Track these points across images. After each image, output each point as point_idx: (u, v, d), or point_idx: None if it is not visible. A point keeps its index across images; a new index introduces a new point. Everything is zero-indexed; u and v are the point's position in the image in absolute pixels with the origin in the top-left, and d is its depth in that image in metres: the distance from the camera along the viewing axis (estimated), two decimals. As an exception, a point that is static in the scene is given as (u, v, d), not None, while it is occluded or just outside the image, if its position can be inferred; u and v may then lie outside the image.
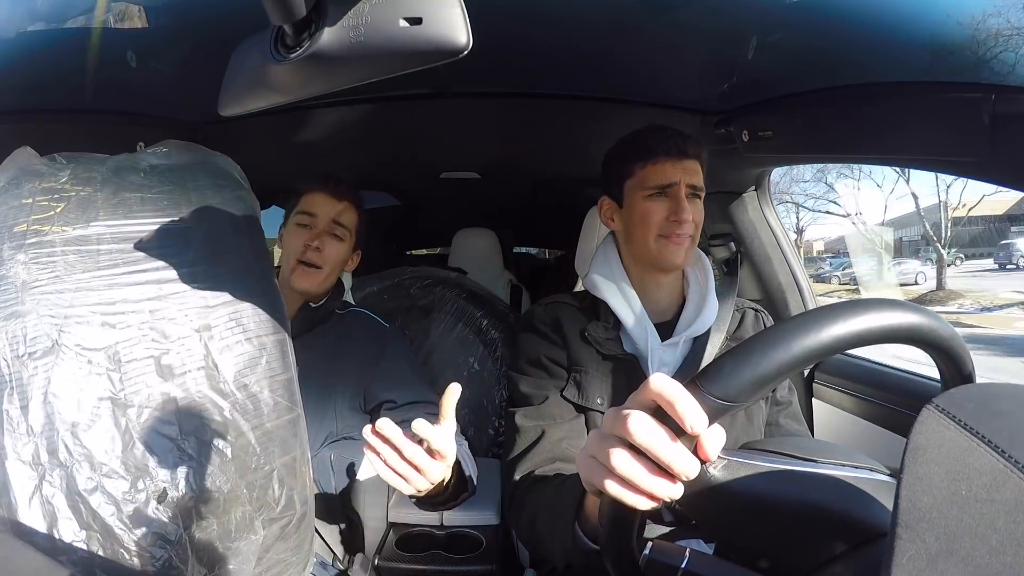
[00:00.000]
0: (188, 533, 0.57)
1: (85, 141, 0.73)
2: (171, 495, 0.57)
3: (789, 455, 0.46)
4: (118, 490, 0.56)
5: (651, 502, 0.40)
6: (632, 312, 0.86)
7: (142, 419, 0.58)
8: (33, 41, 0.82)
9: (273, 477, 0.63)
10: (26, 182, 0.65)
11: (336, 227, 1.07)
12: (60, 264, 0.61)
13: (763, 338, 0.38)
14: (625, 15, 0.82)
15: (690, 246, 0.85)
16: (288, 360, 0.68)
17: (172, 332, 0.62)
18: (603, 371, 0.84)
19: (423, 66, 0.36)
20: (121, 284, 0.62)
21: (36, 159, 0.69)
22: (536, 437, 0.81)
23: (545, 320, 0.90)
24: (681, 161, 0.84)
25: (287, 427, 0.65)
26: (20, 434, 0.55)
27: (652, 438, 0.38)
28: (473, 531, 1.17)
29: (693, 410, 0.37)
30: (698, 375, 0.39)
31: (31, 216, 0.63)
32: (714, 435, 0.40)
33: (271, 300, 0.69)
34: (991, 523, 0.26)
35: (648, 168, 0.85)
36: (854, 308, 0.38)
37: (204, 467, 0.58)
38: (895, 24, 0.71)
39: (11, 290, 0.59)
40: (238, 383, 0.63)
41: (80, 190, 0.66)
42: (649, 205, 0.85)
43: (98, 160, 0.71)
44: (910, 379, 1.06)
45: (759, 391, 0.38)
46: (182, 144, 0.77)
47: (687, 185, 0.84)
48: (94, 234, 0.64)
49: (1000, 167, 0.68)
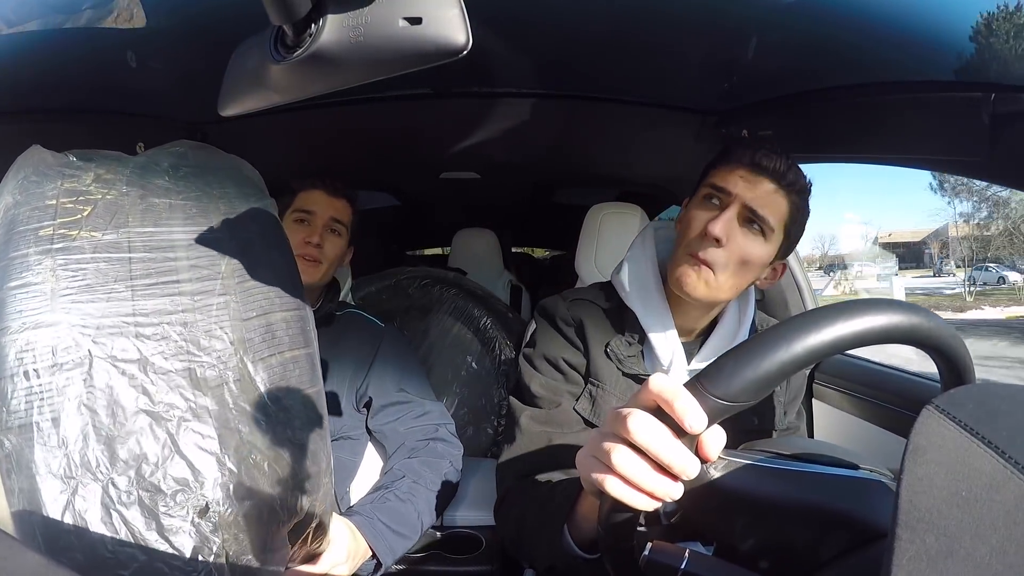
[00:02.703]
0: (226, 546, 0.56)
1: (85, 141, 0.73)
2: (212, 509, 0.56)
3: (790, 456, 0.46)
4: (157, 504, 0.54)
5: (652, 501, 0.40)
6: (662, 329, 0.78)
7: (180, 432, 0.57)
8: (33, 41, 0.82)
9: (303, 488, 0.63)
10: (47, 182, 0.63)
11: (334, 223, 1.08)
12: (91, 271, 0.59)
13: (764, 338, 0.39)
14: (625, 15, 0.82)
15: (709, 280, 0.72)
16: (317, 373, 0.68)
17: (207, 344, 0.61)
18: (620, 389, 0.79)
19: (423, 66, 0.36)
20: (155, 295, 0.61)
21: (51, 157, 0.67)
22: (541, 444, 0.77)
23: (568, 320, 0.84)
24: (757, 177, 0.71)
25: (316, 439, 0.65)
26: (52, 447, 0.53)
27: (652, 437, 0.38)
28: (473, 531, 1.17)
29: (692, 409, 0.37)
30: (699, 374, 0.39)
31: (57, 219, 0.61)
32: (714, 435, 0.40)
33: (302, 314, 0.69)
34: (991, 523, 0.26)
35: (719, 170, 0.75)
36: (854, 308, 0.38)
37: (243, 480, 0.58)
38: (895, 24, 0.71)
39: (40, 297, 0.57)
40: (272, 396, 0.62)
41: (106, 193, 0.64)
42: (697, 210, 0.75)
43: (117, 160, 0.70)
44: (910, 380, 1.06)
45: (761, 391, 0.38)
46: (196, 144, 0.76)
47: (745, 205, 0.71)
48: (125, 241, 0.62)
49: (1000, 167, 0.68)
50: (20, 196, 0.61)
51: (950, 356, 0.41)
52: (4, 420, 0.53)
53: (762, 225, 0.72)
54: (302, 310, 0.69)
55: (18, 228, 0.59)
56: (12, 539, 0.35)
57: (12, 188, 0.62)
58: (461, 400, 1.49)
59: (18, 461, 0.52)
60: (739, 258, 0.72)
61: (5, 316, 0.55)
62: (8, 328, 0.55)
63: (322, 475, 0.66)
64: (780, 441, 0.51)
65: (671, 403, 0.37)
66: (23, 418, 0.53)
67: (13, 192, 0.62)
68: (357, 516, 0.87)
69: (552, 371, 0.82)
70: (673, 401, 0.37)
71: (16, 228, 0.59)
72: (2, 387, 0.53)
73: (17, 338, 0.55)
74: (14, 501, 0.52)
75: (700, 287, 0.73)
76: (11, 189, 0.62)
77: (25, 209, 0.61)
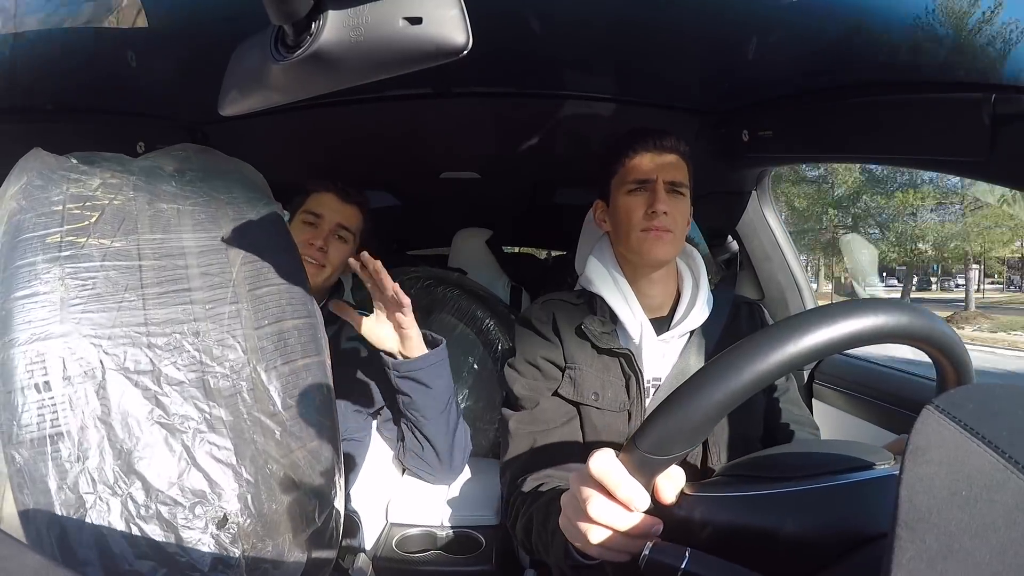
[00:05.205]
0: (245, 556, 0.55)
1: (85, 141, 0.73)
2: (231, 520, 0.55)
3: (760, 476, 0.45)
4: (176, 517, 0.53)
5: (634, 546, 0.44)
6: (627, 306, 0.87)
7: (196, 443, 0.56)
8: (33, 41, 0.82)
9: (319, 495, 0.62)
10: (52, 187, 0.61)
11: (341, 229, 1.08)
12: (101, 280, 0.58)
13: (686, 388, 0.40)
14: (625, 15, 0.82)
15: (672, 240, 0.85)
16: (328, 381, 0.68)
17: (220, 354, 0.60)
18: (597, 366, 0.85)
19: (423, 66, 0.36)
20: (167, 303, 0.60)
21: (54, 160, 0.65)
22: (527, 446, 0.82)
23: (542, 318, 0.91)
24: (660, 155, 0.86)
25: (329, 445, 0.65)
26: (66, 461, 0.52)
27: (612, 517, 0.43)
28: (473, 531, 1.17)
29: (635, 495, 0.42)
30: (634, 435, 0.42)
31: (64, 225, 0.59)
32: (669, 481, 0.44)
33: (313, 321, 0.68)
34: (991, 523, 0.26)
35: (627, 163, 0.87)
36: (762, 343, 0.39)
37: (260, 490, 0.57)
38: (895, 24, 0.71)
39: (49, 307, 0.55)
40: (285, 404, 0.62)
41: (113, 198, 0.63)
42: (629, 200, 0.87)
43: (121, 163, 0.69)
44: (910, 380, 1.06)
45: (695, 438, 0.40)
46: (199, 148, 0.76)
47: (666, 181, 0.86)
48: (134, 248, 0.61)
49: (1000, 167, 0.68)
50: (25, 202, 0.59)
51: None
52: (15, 434, 0.51)
53: (681, 189, 0.88)
54: (313, 317, 0.68)
55: (24, 235, 0.58)
56: (13, 539, 0.34)
57: (16, 193, 0.60)
58: (462, 400, 1.49)
59: (31, 475, 0.51)
60: (683, 217, 0.88)
61: (13, 327, 0.53)
62: (16, 339, 0.53)
63: (336, 481, 0.66)
64: (755, 460, 0.50)
65: (614, 492, 0.42)
66: (35, 432, 0.52)
67: (17, 197, 0.60)
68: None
69: (532, 371, 0.88)
70: (616, 490, 0.42)
71: (22, 235, 0.58)
72: (12, 400, 0.52)
73: (27, 349, 0.53)
74: (28, 515, 0.50)
75: (668, 249, 0.85)
76: (14, 194, 0.60)
77: (31, 215, 0.59)
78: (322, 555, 0.65)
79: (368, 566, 1.05)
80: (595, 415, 0.84)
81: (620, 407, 0.84)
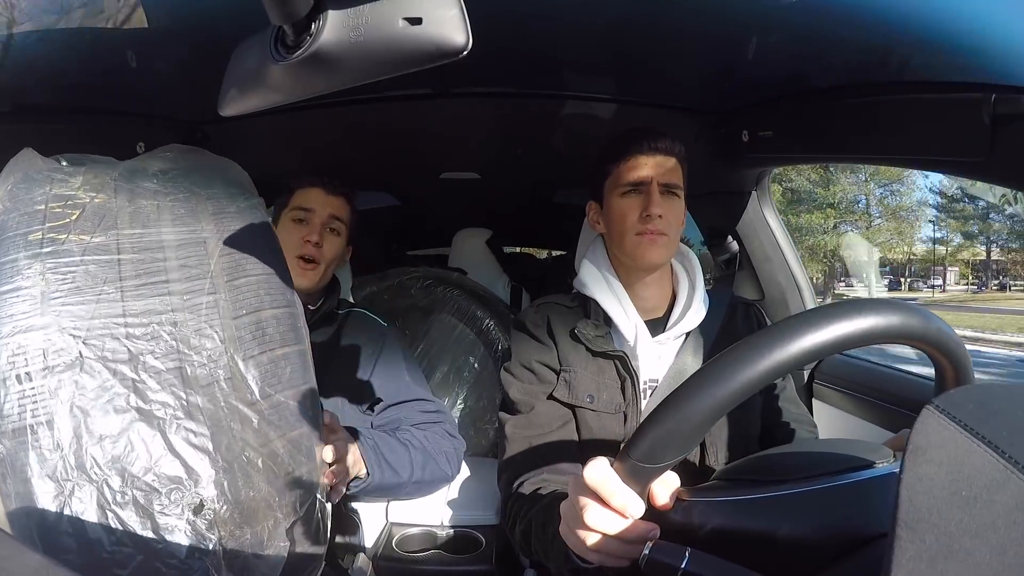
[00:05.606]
0: (222, 543, 0.56)
1: (85, 141, 0.73)
2: (207, 507, 0.56)
3: (756, 480, 0.45)
4: (152, 503, 0.54)
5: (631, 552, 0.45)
6: (621, 309, 0.86)
7: (172, 430, 0.57)
8: (33, 41, 0.82)
9: (299, 484, 0.63)
10: (37, 187, 0.64)
11: (333, 221, 1.07)
12: (80, 274, 0.60)
13: (675, 397, 0.40)
14: (625, 15, 0.82)
15: (667, 244, 0.85)
16: (309, 371, 0.68)
17: (197, 343, 0.61)
18: (592, 369, 0.85)
19: (423, 66, 0.36)
20: (145, 295, 0.61)
21: (41, 162, 0.67)
22: (523, 448, 0.82)
23: (536, 322, 0.91)
24: (654, 157, 0.85)
25: (309, 435, 0.65)
26: (46, 449, 0.53)
27: (608, 525, 0.44)
28: (473, 531, 1.17)
29: (626, 500, 0.43)
30: (626, 445, 0.42)
31: (46, 223, 0.61)
32: (663, 485, 0.46)
33: (292, 311, 0.69)
34: (991, 523, 0.26)
35: (622, 165, 0.87)
36: (754, 348, 0.39)
37: (237, 477, 0.58)
38: (895, 24, 0.71)
39: (31, 301, 0.57)
40: (264, 393, 0.62)
41: (94, 196, 0.65)
42: (624, 202, 0.86)
43: (106, 164, 0.70)
44: (910, 380, 1.06)
45: (687, 446, 0.40)
46: (186, 148, 0.76)
47: (661, 183, 0.85)
48: (114, 243, 0.62)
49: (1000, 167, 0.68)
50: (9, 203, 0.62)
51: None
52: None
53: (676, 191, 0.87)
54: (292, 307, 0.69)
55: (7, 234, 0.60)
56: (12, 539, 0.35)
57: (1, 195, 0.62)
58: (463, 400, 1.49)
59: (12, 465, 0.52)
60: (677, 220, 0.87)
61: None
62: None
63: (316, 471, 0.66)
64: (750, 463, 0.50)
65: (608, 501, 0.44)
66: (16, 422, 0.53)
67: (2, 199, 0.62)
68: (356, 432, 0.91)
69: (527, 375, 0.88)
70: (610, 499, 0.43)
71: (5, 234, 0.60)
72: None
73: (8, 342, 0.55)
74: (10, 505, 0.52)
75: (663, 252, 0.85)
76: (1, 196, 0.62)
77: (14, 215, 0.61)
78: (309, 549, 0.64)
79: (368, 565, 1.05)
80: (591, 417, 0.84)
81: (616, 409, 0.84)
